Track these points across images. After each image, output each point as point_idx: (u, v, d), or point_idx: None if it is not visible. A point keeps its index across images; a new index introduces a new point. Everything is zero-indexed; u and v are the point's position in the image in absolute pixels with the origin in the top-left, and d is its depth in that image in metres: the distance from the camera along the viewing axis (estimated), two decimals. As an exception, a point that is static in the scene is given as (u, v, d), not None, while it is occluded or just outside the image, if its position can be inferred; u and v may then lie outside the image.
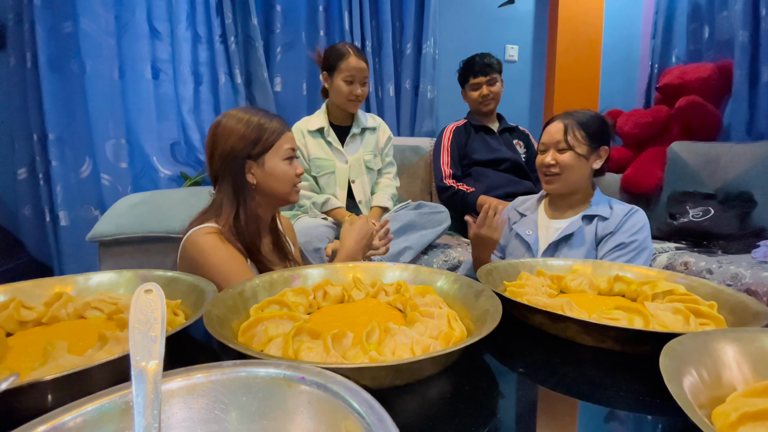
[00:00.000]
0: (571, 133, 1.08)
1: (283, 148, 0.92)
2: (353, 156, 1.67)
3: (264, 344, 0.48)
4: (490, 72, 1.89)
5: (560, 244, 1.08)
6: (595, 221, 1.07)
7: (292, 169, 0.93)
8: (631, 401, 0.43)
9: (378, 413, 0.28)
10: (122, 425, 0.30)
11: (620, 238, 1.03)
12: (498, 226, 1.00)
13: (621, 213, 1.06)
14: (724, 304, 0.60)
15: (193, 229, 0.86)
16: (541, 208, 1.19)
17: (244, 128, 0.89)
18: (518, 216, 1.22)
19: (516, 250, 1.16)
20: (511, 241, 1.18)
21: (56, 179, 1.78)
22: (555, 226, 1.12)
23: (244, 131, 0.89)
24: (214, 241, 0.83)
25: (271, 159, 0.91)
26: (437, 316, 0.52)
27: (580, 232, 1.06)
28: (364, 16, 2.24)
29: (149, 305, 0.34)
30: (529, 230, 1.14)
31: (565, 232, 1.07)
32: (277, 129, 0.91)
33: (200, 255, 0.83)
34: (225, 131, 0.89)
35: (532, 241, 1.12)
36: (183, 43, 1.95)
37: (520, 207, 1.23)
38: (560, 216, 1.14)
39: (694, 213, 1.86)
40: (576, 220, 1.09)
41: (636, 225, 1.04)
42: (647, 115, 2.35)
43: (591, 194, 1.13)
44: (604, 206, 1.09)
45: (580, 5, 2.56)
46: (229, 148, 0.88)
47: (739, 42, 2.05)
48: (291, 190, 0.94)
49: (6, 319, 0.54)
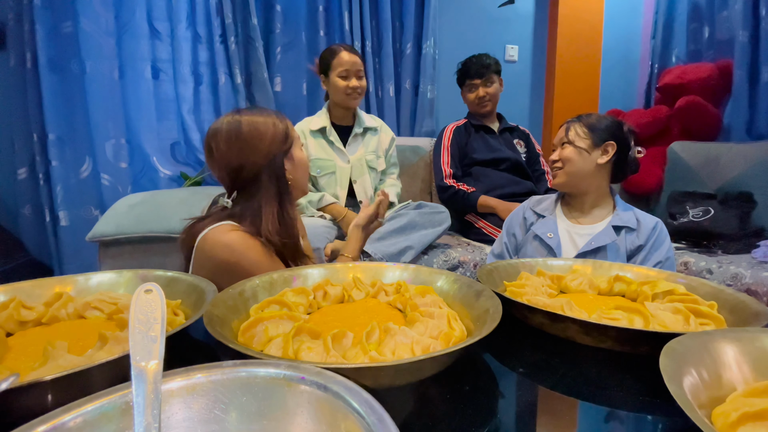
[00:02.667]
0: (572, 129, 1.11)
1: (296, 137, 0.92)
2: (355, 155, 1.67)
3: (264, 344, 0.48)
4: (486, 73, 1.88)
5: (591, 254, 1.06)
6: (623, 232, 1.06)
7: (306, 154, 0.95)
8: (631, 401, 0.43)
9: (378, 413, 0.28)
10: (122, 425, 0.30)
11: (658, 256, 1.04)
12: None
13: (649, 225, 1.06)
14: (724, 304, 0.60)
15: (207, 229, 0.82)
16: (558, 211, 1.17)
17: (272, 128, 0.87)
18: (535, 217, 1.18)
19: (536, 253, 1.12)
20: (530, 243, 1.14)
21: (56, 179, 1.78)
22: (579, 232, 1.10)
23: (274, 131, 0.86)
24: (240, 236, 0.81)
25: (295, 151, 0.91)
26: (437, 316, 0.52)
27: (613, 244, 1.05)
28: (364, 16, 2.24)
29: (149, 305, 0.34)
30: (550, 233, 1.11)
31: (598, 242, 1.05)
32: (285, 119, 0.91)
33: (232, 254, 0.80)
34: (253, 137, 0.85)
35: (554, 244, 1.09)
36: (183, 43, 1.95)
37: (537, 207, 1.19)
38: (581, 219, 1.13)
39: (694, 213, 1.86)
40: (606, 229, 1.07)
41: (666, 239, 1.06)
42: (647, 115, 2.35)
43: (609, 199, 1.13)
44: (629, 215, 1.09)
45: (580, 5, 2.56)
46: (265, 151, 0.85)
47: (739, 42, 2.05)
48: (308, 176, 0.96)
49: (6, 319, 0.54)
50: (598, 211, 1.12)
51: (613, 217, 1.09)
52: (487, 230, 1.80)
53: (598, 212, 1.12)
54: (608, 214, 1.11)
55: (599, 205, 1.13)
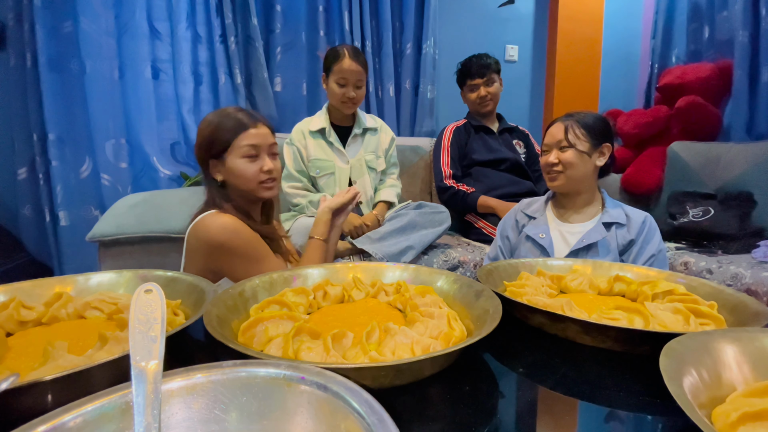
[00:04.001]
0: (572, 131, 1.10)
1: (240, 145, 0.92)
2: (355, 156, 1.67)
3: (264, 344, 0.48)
4: (487, 73, 1.88)
5: (582, 251, 1.07)
6: (614, 228, 1.07)
7: (254, 166, 0.93)
8: (631, 401, 0.43)
9: (378, 413, 0.28)
10: (122, 425, 0.30)
11: (651, 249, 1.05)
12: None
13: (638, 220, 1.07)
14: (724, 304, 0.60)
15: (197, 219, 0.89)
16: (549, 211, 1.18)
17: (206, 129, 0.94)
18: (526, 218, 1.20)
19: (530, 254, 1.13)
20: (523, 244, 1.16)
21: (56, 179, 1.78)
22: (570, 230, 1.11)
23: (205, 132, 0.94)
24: (230, 219, 0.88)
25: (230, 158, 0.93)
26: (437, 316, 0.52)
27: (604, 240, 1.06)
28: (364, 16, 2.24)
29: (149, 305, 0.34)
30: (542, 233, 1.12)
31: (589, 239, 1.06)
32: (235, 127, 0.93)
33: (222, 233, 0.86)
34: (198, 133, 0.96)
35: (546, 244, 1.10)
36: (183, 43, 1.95)
37: (528, 209, 1.21)
38: (571, 219, 1.13)
39: (694, 213, 1.86)
40: (596, 227, 1.08)
41: (656, 232, 1.07)
42: (647, 115, 2.35)
43: (598, 196, 1.14)
44: (618, 211, 1.09)
45: (580, 5, 2.56)
46: (197, 148, 0.95)
47: (739, 42, 2.05)
48: (256, 187, 0.95)
49: (6, 319, 0.54)
50: (588, 209, 1.13)
51: (603, 214, 1.10)
52: (487, 230, 1.80)
53: (588, 210, 1.13)
54: (597, 211, 1.12)
55: (590, 204, 1.13)
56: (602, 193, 1.15)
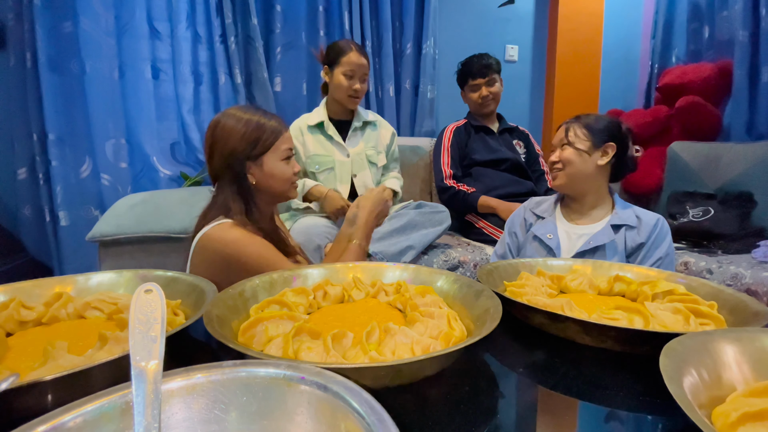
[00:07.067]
0: (572, 130, 1.11)
1: (281, 148, 0.92)
2: (355, 149, 1.67)
3: (264, 344, 0.48)
4: (488, 73, 1.89)
5: (589, 253, 1.06)
6: (623, 230, 1.06)
7: (290, 168, 0.94)
8: (631, 401, 0.43)
9: (378, 413, 0.28)
10: (122, 425, 0.30)
11: (659, 253, 1.04)
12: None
13: (650, 222, 1.06)
14: (724, 304, 0.60)
15: (206, 228, 0.85)
16: (558, 212, 1.18)
17: (243, 128, 0.89)
18: (534, 218, 1.20)
19: (536, 253, 1.13)
20: (530, 244, 1.16)
21: (56, 179, 1.78)
22: (578, 232, 1.11)
23: (243, 131, 0.89)
24: (242, 233, 0.84)
25: (270, 159, 0.91)
26: (437, 316, 0.52)
27: (612, 242, 1.05)
28: (364, 16, 2.24)
29: (149, 305, 0.34)
30: (549, 233, 1.12)
31: (596, 242, 1.05)
32: (275, 129, 0.91)
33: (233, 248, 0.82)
34: (225, 131, 0.89)
35: (554, 245, 1.10)
36: (183, 43, 1.95)
37: (537, 209, 1.20)
38: (580, 221, 1.13)
39: (694, 213, 1.86)
40: (604, 229, 1.07)
41: (668, 235, 1.06)
42: (647, 115, 2.35)
43: (608, 199, 1.13)
44: (628, 213, 1.09)
45: (580, 5, 2.56)
46: (230, 148, 0.88)
47: (739, 42, 2.05)
48: (289, 188, 0.96)
49: (6, 319, 0.54)
50: (597, 212, 1.12)
51: (612, 216, 1.09)
52: (487, 230, 1.80)
53: (597, 212, 1.12)
54: (607, 213, 1.12)
55: (598, 206, 1.13)
56: (613, 196, 1.14)
